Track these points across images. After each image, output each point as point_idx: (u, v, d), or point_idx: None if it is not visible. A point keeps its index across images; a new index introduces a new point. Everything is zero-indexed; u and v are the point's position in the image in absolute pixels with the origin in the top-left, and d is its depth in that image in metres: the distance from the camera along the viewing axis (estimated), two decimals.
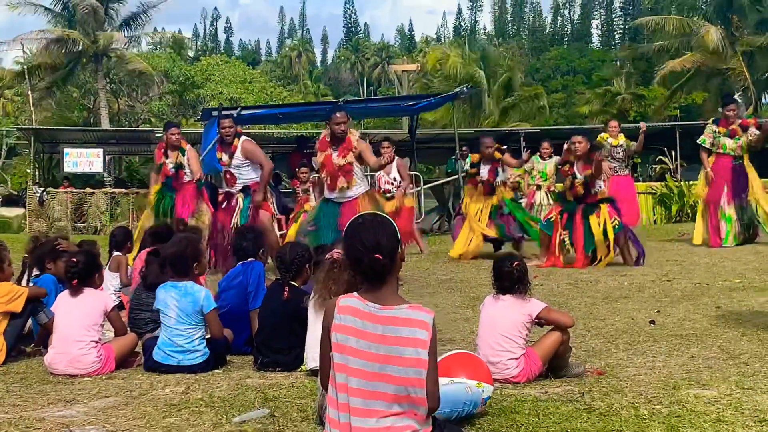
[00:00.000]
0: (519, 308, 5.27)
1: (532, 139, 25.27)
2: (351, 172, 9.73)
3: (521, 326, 5.24)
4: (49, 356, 5.88)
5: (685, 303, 8.22)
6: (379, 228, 3.46)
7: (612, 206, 11.64)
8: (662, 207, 22.55)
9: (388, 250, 3.41)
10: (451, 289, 9.98)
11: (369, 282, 3.46)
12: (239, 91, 48.70)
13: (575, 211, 11.58)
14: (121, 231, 9.72)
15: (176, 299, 5.87)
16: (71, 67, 41.49)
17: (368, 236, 3.42)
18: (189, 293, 5.90)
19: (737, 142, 13.44)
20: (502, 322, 5.23)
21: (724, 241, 13.33)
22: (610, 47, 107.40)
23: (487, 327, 5.30)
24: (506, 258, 5.61)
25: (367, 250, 3.38)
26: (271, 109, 22.42)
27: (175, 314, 5.84)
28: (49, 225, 22.31)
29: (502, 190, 13.11)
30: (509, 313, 5.25)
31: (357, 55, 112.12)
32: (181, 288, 5.93)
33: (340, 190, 9.74)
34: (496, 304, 5.34)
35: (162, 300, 5.94)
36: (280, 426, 4.31)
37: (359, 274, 3.50)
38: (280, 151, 27.02)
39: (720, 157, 13.56)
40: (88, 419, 4.55)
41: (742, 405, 4.48)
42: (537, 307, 5.30)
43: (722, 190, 13.44)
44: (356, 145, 9.71)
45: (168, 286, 6.00)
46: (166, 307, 5.89)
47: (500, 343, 5.18)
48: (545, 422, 4.25)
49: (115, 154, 32.04)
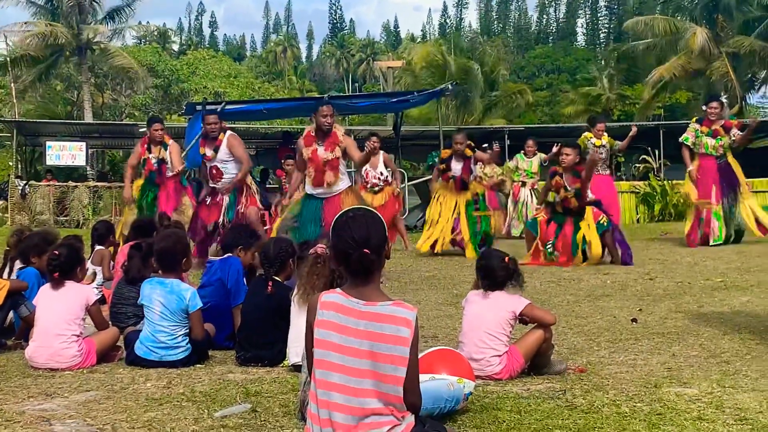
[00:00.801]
0: (504, 305, 5.27)
1: (516, 137, 25.33)
2: (338, 167, 9.71)
3: (505, 323, 5.24)
4: (30, 350, 5.85)
5: (667, 301, 8.25)
6: (370, 223, 3.45)
7: (598, 208, 11.70)
8: (645, 206, 22.66)
9: (377, 246, 3.41)
10: (434, 285, 9.98)
11: (354, 277, 3.45)
12: (224, 85, 48.60)
13: (564, 222, 11.61)
14: (103, 225, 9.71)
15: (162, 296, 5.84)
16: (54, 60, 41.27)
17: (358, 231, 3.40)
18: (175, 291, 5.87)
19: (719, 142, 13.51)
20: (487, 319, 5.23)
21: (718, 239, 13.42)
22: (595, 46, 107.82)
23: (471, 324, 5.29)
24: (494, 253, 5.61)
25: (357, 245, 3.37)
26: (255, 105, 22.36)
27: (160, 311, 5.81)
28: (31, 218, 22.22)
29: (475, 185, 13.19)
30: (494, 310, 5.25)
31: (342, 51, 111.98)
32: (167, 285, 5.90)
33: (327, 185, 9.71)
34: (478, 301, 5.33)
35: (147, 295, 5.91)
36: (262, 421, 4.30)
37: (345, 269, 3.49)
38: (265, 146, 26.98)
39: (703, 157, 13.63)
40: (69, 413, 4.52)
41: (723, 403, 4.49)
42: (521, 304, 5.30)
43: (711, 189, 13.51)
44: (342, 140, 9.69)
45: (154, 282, 5.97)
46: (150, 303, 5.87)
47: (484, 341, 5.17)
48: (527, 419, 4.26)
49: (98, 147, 31.94)
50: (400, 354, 3.30)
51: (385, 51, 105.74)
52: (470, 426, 4.18)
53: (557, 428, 4.08)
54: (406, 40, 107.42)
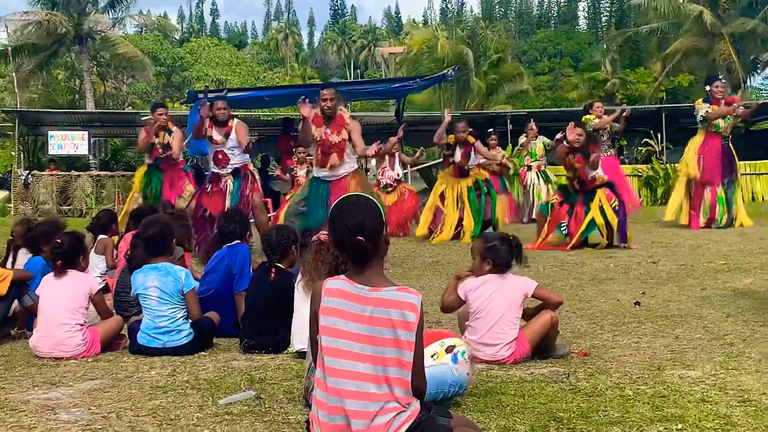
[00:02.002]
0: (516, 287, 5.28)
1: (518, 122, 25.27)
2: (344, 149, 9.73)
3: (519, 306, 5.26)
4: (34, 339, 5.86)
5: (671, 284, 8.26)
6: (365, 210, 3.43)
7: (611, 190, 11.67)
8: (648, 189, 22.65)
9: (372, 233, 3.38)
10: (437, 271, 9.98)
11: (354, 264, 3.44)
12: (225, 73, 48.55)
13: (576, 201, 11.62)
14: (106, 214, 9.69)
15: (156, 280, 5.86)
16: (55, 49, 41.17)
17: (353, 218, 3.39)
18: (169, 273, 5.89)
19: (727, 122, 13.50)
20: (503, 303, 5.22)
21: (719, 221, 13.45)
22: (597, 30, 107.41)
23: (485, 309, 5.24)
24: (498, 236, 5.63)
25: (350, 232, 3.36)
26: (257, 92, 22.33)
27: (157, 295, 5.83)
28: (34, 208, 22.22)
29: (476, 172, 13.28)
30: (508, 293, 5.25)
31: (344, 38, 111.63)
32: (161, 269, 5.92)
33: (330, 167, 9.72)
34: (488, 286, 5.30)
35: (140, 284, 5.92)
36: (267, 408, 4.31)
37: (344, 256, 3.49)
38: (267, 134, 26.95)
39: (711, 136, 13.60)
40: (74, 401, 4.54)
41: (726, 385, 4.50)
42: (532, 285, 5.33)
43: (717, 171, 13.50)
44: (349, 123, 9.71)
45: (146, 269, 5.98)
46: (146, 290, 5.88)
47: (502, 327, 5.18)
48: (531, 403, 4.26)
49: (100, 136, 31.87)
50: (406, 339, 3.30)
51: (387, 37, 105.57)
52: (474, 410, 4.18)
53: (561, 411, 4.09)
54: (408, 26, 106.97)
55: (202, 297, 6.42)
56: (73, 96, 47.21)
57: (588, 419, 3.97)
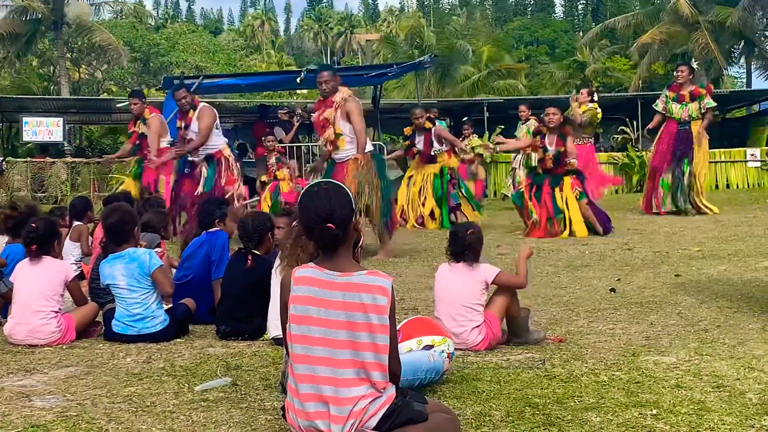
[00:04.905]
0: (475, 276, 5.30)
1: (495, 110, 25.30)
2: (325, 127, 9.75)
3: (479, 294, 5.28)
4: (9, 326, 5.82)
5: (646, 271, 8.31)
6: (333, 197, 3.42)
7: (577, 178, 11.74)
8: (623, 177, 22.70)
9: (341, 220, 3.38)
10: (413, 258, 10.01)
11: (324, 251, 3.44)
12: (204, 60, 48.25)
13: (542, 183, 11.68)
14: (81, 200, 9.62)
15: (122, 269, 5.84)
16: (30, 36, 40.76)
17: (321, 205, 3.38)
18: (133, 258, 5.87)
19: (683, 107, 13.60)
20: (460, 292, 5.26)
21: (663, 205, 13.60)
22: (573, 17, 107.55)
23: (444, 299, 5.32)
24: (462, 225, 5.68)
25: (320, 219, 3.35)
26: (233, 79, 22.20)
27: (126, 283, 5.82)
28: (8, 195, 22.02)
29: (445, 158, 13.34)
30: (466, 282, 5.28)
31: (320, 25, 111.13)
32: (125, 256, 5.90)
33: (328, 142, 9.84)
34: (450, 274, 5.37)
35: (108, 275, 5.90)
36: (243, 394, 4.31)
37: (315, 243, 3.48)
38: (243, 120, 26.83)
39: (669, 122, 13.80)
40: (49, 389, 4.52)
41: (700, 371, 4.53)
42: (492, 273, 5.33)
43: (666, 156, 13.66)
44: (339, 103, 9.70)
45: (110, 259, 5.96)
46: (114, 280, 5.87)
47: (462, 314, 5.20)
48: (506, 389, 4.28)
49: (76, 123, 31.60)
50: (378, 322, 3.30)
51: (364, 24, 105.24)
52: (450, 396, 4.20)
53: (537, 398, 4.11)
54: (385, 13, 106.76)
55: (180, 283, 6.41)
56: (46, 83, 46.74)
57: (563, 405, 3.99)
